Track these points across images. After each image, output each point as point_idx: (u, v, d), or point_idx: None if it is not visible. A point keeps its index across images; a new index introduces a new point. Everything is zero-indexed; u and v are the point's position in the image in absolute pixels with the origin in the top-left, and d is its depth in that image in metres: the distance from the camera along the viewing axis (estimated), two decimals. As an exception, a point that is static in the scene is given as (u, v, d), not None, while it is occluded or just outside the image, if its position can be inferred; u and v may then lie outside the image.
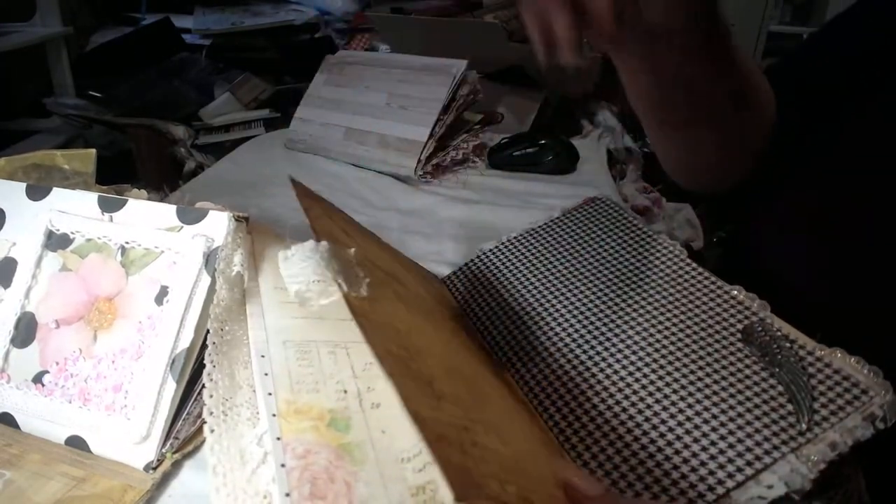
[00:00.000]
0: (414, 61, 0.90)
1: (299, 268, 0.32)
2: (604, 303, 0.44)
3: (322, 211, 0.40)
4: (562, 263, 0.49)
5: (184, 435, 0.36)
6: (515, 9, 1.14)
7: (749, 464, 0.32)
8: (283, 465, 0.26)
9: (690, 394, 0.36)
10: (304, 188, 0.42)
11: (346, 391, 0.30)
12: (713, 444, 0.33)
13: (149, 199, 0.42)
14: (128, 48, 1.33)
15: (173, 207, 0.39)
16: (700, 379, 0.37)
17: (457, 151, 0.85)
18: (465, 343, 0.39)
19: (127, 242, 0.39)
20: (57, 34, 1.25)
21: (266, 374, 0.31)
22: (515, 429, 0.31)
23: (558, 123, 1.08)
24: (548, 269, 0.48)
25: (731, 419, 0.34)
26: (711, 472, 0.32)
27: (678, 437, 0.34)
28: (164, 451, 0.35)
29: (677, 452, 0.33)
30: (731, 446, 0.33)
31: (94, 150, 0.48)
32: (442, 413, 0.25)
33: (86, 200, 0.41)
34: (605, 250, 0.49)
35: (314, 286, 0.32)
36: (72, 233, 0.41)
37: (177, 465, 0.36)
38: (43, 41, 1.23)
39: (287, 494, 0.25)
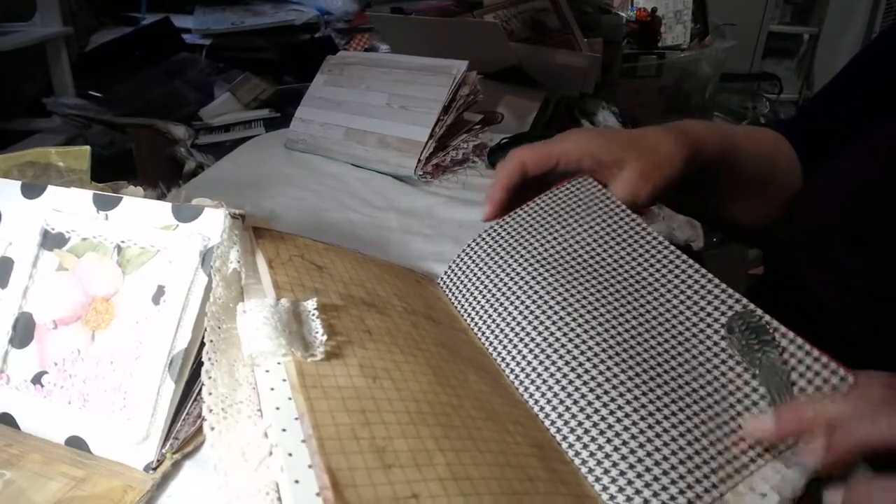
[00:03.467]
0: (414, 61, 0.90)
1: (253, 328, 0.32)
2: (589, 291, 0.43)
3: (288, 254, 0.41)
4: (545, 249, 0.47)
5: (183, 435, 0.36)
6: (515, 9, 1.14)
7: (744, 466, 0.32)
8: (290, 455, 0.26)
9: (680, 397, 0.36)
10: (269, 232, 0.42)
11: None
12: (712, 444, 0.33)
13: (145, 196, 0.42)
14: (128, 48, 1.33)
15: (168, 205, 0.39)
16: (688, 383, 0.37)
17: (457, 151, 0.85)
18: (448, 361, 0.38)
19: (122, 241, 0.39)
20: (57, 34, 1.25)
21: (267, 371, 0.31)
22: (487, 458, 0.31)
23: (558, 123, 1.09)
24: (532, 257, 0.47)
25: (718, 424, 0.34)
26: (706, 476, 0.32)
27: (674, 439, 0.34)
28: (163, 451, 0.35)
29: (674, 454, 0.33)
30: (720, 453, 0.33)
31: (88, 147, 0.48)
32: (386, 486, 0.26)
33: (80, 198, 0.41)
34: (588, 235, 0.47)
35: (266, 351, 0.32)
36: (67, 232, 0.40)
37: (177, 466, 0.36)
38: (43, 41, 1.23)
39: (296, 481, 0.25)
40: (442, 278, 0.52)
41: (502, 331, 0.43)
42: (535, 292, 0.44)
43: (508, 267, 0.47)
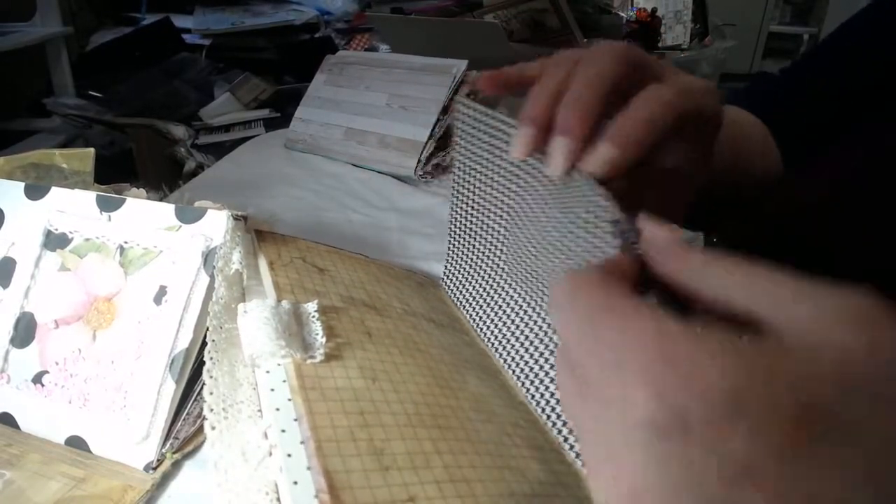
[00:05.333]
0: (414, 61, 0.90)
1: (254, 329, 0.32)
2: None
3: (289, 257, 0.41)
4: (510, 229, 0.42)
5: (184, 435, 0.36)
6: (515, 9, 1.14)
7: None
8: (289, 455, 0.26)
9: None
10: (271, 235, 0.42)
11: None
12: None
13: (148, 198, 0.42)
14: (128, 48, 1.33)
15: (172, 207, 0.39)
16: None
17: (457, 151, 0.85)
18: (448, 363, 0.38)
19: (125, 242, 0.39)
20: (57, 34, 1.25)
21: (268, 372, 0.31)
22: (485, 461, 0.31)
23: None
24: (504, 238, 0.43)
25: None
26: None
27: None
28: (163, 451, 0.35)
29: None
30: None
31: (92, 150, 0.48)
32: (383, 489, 0.26)
33: (84, 200, 0.41)
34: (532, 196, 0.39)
35: (266, 351, 0.32)
36: (70, 232, 0.41)
37: (177, 466, 0.36)
38: (43, 41, 1.23)
39: (295, 483, 0.25)
40: (443, 279, 0.52)
41: (499, 329, 0.43)
42: (521, 286, 0.41)
43: (487, 258, 0.44)
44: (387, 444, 0.29)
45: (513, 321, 0.42)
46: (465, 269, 0.48)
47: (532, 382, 0.39)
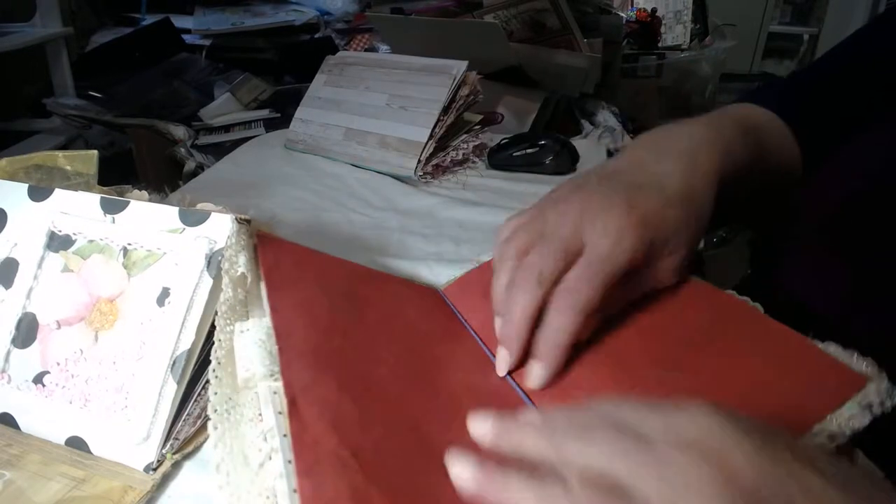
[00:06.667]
0: (414, 62, 0.90)
1: (250, 350, 0.32)
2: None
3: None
4: None
5: (184, 436, 0.36)
6: (515, 9, 1.14)
7: None
8: (290, 462, 0.26)
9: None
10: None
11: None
12: None
13: (150, 200, 0.42)
14: (128, 48, 1.33)
15: (175, 209, 0.39)
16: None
17: (457, 152, 0.85)
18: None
19: (129, 244, 0.39)
20: (57, 34, 1.25)
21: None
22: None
23: (558, 123, 1.09)
24: None
25: None
26: None
27: None
28: (164, 451, 0.35)
29: None
30: None
31: (95, 152, 0.48)
32: None
33: (88, 202, 0.41)
34: None
35: (258, 374, 0.32)
36: (73, 234, 0.41)
37: (177, 466, 0.36)
38: (43, 41, 1.23)
39: (294, 490, 0.25)
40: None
41: None
42: None
43: None
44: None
45: None
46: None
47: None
